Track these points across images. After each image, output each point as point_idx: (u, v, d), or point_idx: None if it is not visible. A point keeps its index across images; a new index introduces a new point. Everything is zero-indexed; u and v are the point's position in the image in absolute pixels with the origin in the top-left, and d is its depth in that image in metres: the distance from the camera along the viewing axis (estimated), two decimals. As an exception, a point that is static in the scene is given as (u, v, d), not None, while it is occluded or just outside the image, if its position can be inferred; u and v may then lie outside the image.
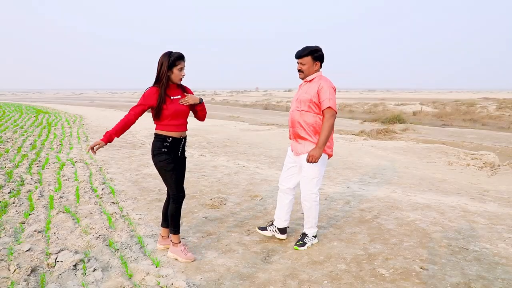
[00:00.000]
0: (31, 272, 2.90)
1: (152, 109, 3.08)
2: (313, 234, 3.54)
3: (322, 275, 2.97)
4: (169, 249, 3.29)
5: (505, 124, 19.01)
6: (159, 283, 2.80)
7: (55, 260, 3.10)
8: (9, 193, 4.92)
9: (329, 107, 3.19)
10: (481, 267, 3.10)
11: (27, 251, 3.27)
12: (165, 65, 3.01)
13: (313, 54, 3.29)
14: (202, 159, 7.82)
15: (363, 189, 5.57)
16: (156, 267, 3.05)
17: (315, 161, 3.19)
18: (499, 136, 13.97)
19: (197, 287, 2.79)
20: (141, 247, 3.44)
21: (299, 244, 3.46)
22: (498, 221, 4.20)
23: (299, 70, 3.37)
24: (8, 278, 2.83)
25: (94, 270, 2.94)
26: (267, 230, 3.62)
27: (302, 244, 3.46)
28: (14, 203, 4.53)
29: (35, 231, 3.70)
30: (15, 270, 2.90)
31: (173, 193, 3.18)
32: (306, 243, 3.47)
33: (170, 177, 3.14)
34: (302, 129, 3.33)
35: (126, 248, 3.38)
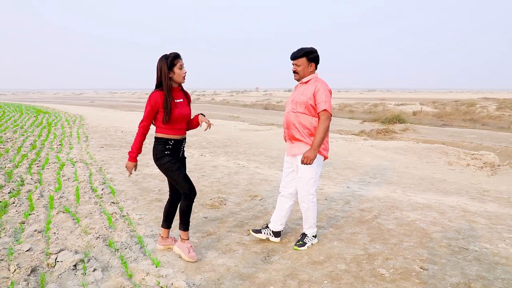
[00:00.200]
0: (31, 272, 2.90)
1: (157, 113, 3.07)
2: (312, 234, 3.54)
3: (322, 275, 2.97)
4: (175, 243, 3.30)
5: (505, 124, 19.01)
6: (159, 283, 2.80)
7: (55, 260, 3.10)
8: (9, 193, 4.92)
9: (325, 110, 3.22)
10: (481, 267, 3.10)
11: (27, 251, 3.27)
12: (164, 67, 3.00)
13: (308, 55, 3.29)
14: (202, 159, 7.82)
15: (363, 189, 5.57)
16: (156, 267, 3.05)
17: (309, 162, 3.20)
18: (499, 136, 13.97)
19: (197, 287, 2.79)
20: (141, 247, 3.44)
21: (299, 244, 3.46)
22: (498, 221, 4.20)
23: (294, 72, 3.37)
24: (8, 278, 2.83)
25: (94, 270, 2.94)
26: (261, 232, 3.61)
27: (302, 244, 3.46)
28: (14, 203, 4.54)
29: (35, 231, 3.70)
30: (15, 270, 2.90)
31: (185, 191, 3.18)
32: (306, 243, 3.47)
33: (178, 176, 3.14)
34: (297, 130, 3.33)
35: (126, 248, 3.38)
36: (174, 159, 3.12)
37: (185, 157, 3.32)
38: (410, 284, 2.83)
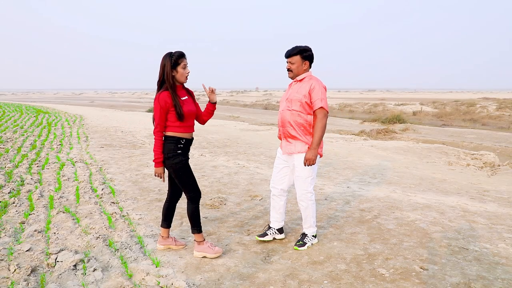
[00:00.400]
0: (31, 272, 2.90)
1: (167, 113, 3.06)
2: (312, 234, 3.54)
3: (322, 275, 2.97)
4: (194, 249, 3.28)
5: (505, 124, 19.02)
6: (159, 283, 2.80)
7: (55, 260, 3.11)
8: (9, 193, 4.92)
9: (322, 107, 3.24)
10: (481, 267, 3.10)
11: (27, 251, 3.27)
12: (168, 65, 2.99)
13: (302, 53, 3.30)
14: (202, 159, 7.82)
15: (363, 189, 5.57)
16: (156, 267, 3.05)
17: (312, 163, 3.25)
18: (499, 136, 13.97)
19: (197, 287, 2.79)
20: (141, 247, 3.44)
21: (299, 244, 3.46)
22: (498, 221, 4.20)
23: (288, 69, 3.38)
24: (8, 278, 2.83)
25: (94, 270, 2.94)
26: (267, 235, 3.61)
27: (302, 244, 3.46)
28: (14, 203, 4.54)
29: (35, 231, 3.70)
30: (15, 270, 2.90)
31: (192, 194, 3.18)
32: (306, 243, 3.47)
33: (188, 178, 3.14)
34: (292, 128, 3.34)
35: (126, 248, 3.38)
36: (186, 160, 3.13)
37: (189, 157, 3.33)
38: (410, 284, 2.83)
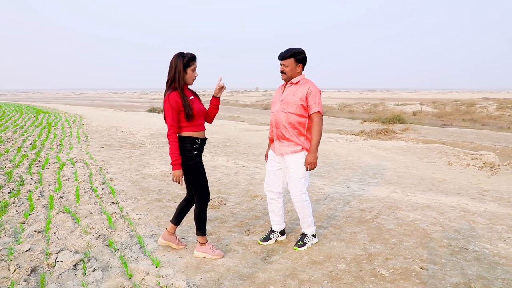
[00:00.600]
0: (31, 272, 2.90)
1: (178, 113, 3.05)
2: (312, 233, 3.54)
3: (322, 275, 2.97)
4: (195, 249, 3.28)
5: (505, 124, 19.03)
6: (159, 283, 2.80)
7: (55, 260, 3.11)
8: (9, 193, 4.92)
9: (318, 111, 3.32)
10: (481, 267, 3.10)
11: (27, 251, 3.27)
12: (180, 66, 2.99)
13: (296, 56, 3.32)
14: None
15: (363, 189, 5.57)
16: (156, 267, 3.05)
17: (314, 166, 3.33)
18: (499, 136, 13.98)
19: (197, 287, 2.79)
20: (141, 247, 3.44)
21: (299, 244, 3.46)
22: (498, 221, 4.20)
23: (281, 72, 3.39)
24: (8, 278, 2.83)
25: (94, 270, 2.94)
26: (270, 239, 3.60)
27: (302, 244, 3.46)
28: (14, 203, 4.54)
29: (35, 231, 3.70)
30: (15, 270, 2.90)
31: (202, 197, 3.18)
32: (306, 243, 3.47)
33: (201, 180, 3.15)
34: (286, 130, 3.36)
35: (126, 248, 3.38)
36: (201, 161, 3.16)
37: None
38: (410, 284, 2.83)
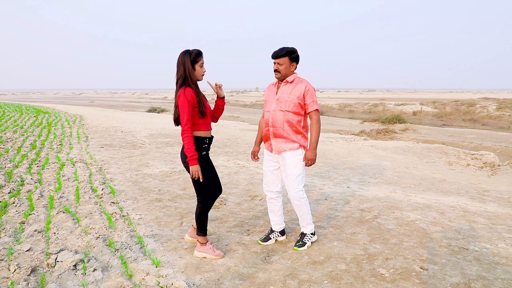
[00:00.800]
0: (31, 272, 2.90)
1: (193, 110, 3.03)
2: (311, 232, 3.54)
3: (322, 275, 2.97)
4: (196, 249, 3.29)
5: (505, 124, 19.03)
6: (159, 283, 2.80)
7: (55, 260, 3.11)
8: (9, 193, 4.92)
9: (317, 109, 3.37)
10: (481, 267, 3.10)
11: (27, 251, 3.27)
12: (188, 63, 2.99)
13: (290, 55, 3.33)
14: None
15: (363, 189, 5.57)
16: (156, 267, 3.05)
17: (313, 163, 3.39)
18: (499, 136, 13.98)
19: (197, 287, 2.79)
20: (141, 247, 3.44)
21: (298, 244, 3.46)
22: (498, 221, 4.20)
23: (275, 70, 3.40)
24: (8, 278, 2.83)
25: (94, 270, 2.94)
26: (270, 239, 3.61)
27: (302, 244, 3.46)
28: (14, 203, 4.54)
29: (35, 231, 3.70)
30: (15, 270, 2.90)
31: (206, 197, 3.18)
32: (306, 242, 3.47)
33: (208, 180, 3.13)
34: (283, 129, 3.38)
35: (126, 248, 3.38)
36: (210, 161, 3.15)
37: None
38: (410, 284, 2.83)
